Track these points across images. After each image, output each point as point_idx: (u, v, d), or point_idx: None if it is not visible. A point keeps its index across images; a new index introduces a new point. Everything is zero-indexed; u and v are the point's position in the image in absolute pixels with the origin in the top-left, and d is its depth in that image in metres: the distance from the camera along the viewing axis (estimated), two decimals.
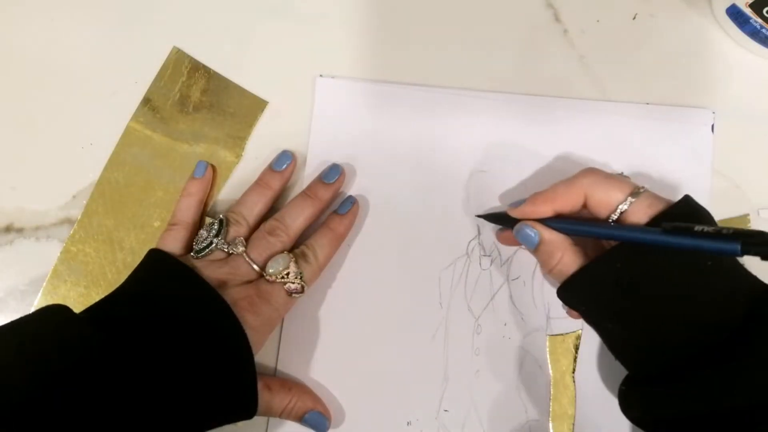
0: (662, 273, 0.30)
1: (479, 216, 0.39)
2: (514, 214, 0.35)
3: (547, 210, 0.34)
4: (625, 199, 0.32)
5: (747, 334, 0.28)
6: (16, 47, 0.41)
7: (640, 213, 0.31)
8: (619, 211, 0.32)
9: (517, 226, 0.34)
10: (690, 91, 0.42)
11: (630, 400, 0.32)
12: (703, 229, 0.28)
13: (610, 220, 0.32)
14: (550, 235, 0.33)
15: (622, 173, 0.34)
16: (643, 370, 0.32)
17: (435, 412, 0.38)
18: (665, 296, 0.30)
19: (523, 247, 0.39)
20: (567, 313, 0.38)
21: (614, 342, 0.33)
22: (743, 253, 0.26)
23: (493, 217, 0.38)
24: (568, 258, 0.32)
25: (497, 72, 0.41)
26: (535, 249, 0.34)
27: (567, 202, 0.33)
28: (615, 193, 0.32)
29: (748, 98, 0.42)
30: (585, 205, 0.33)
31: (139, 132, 0.40)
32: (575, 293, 0.33)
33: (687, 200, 0.31)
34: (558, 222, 0.34)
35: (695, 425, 0.29)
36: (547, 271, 0.33)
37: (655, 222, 0.30)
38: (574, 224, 0.33)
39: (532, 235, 0.34)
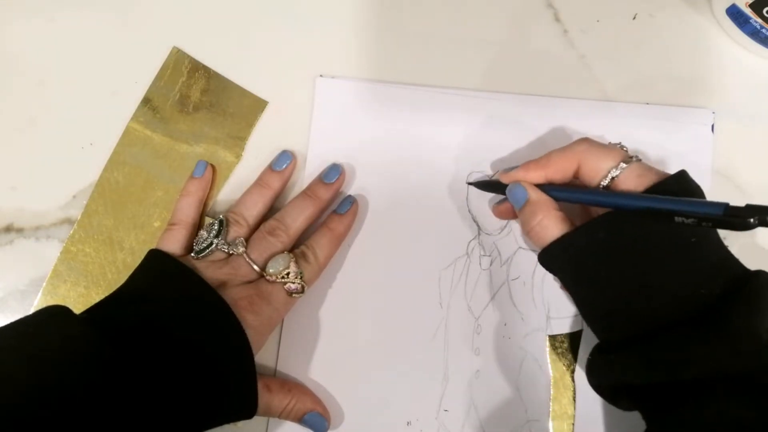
0: (644, 244, 0.30)
1: (470, 183, 0.40)
2: (506, 179, 0.35)
3: (538, 176, 0.34)
4: (617, 166, 0.32)
5: (719, 311, 0.28)
6: (17, 47, 0.41)
7: (630, 182, 0.32)
8: (609, 177, 0.32)
9: (510, 185, 0.35)
10: (690, 91, 0.42)
11: (593, 367, 0.33)
12: (683, 221, 0.29)
13: (601, 186, 0.32)
14: (537, 196, 0.34)
15: (620, 143, 0.34)
16: (612, 336, 0.32)
17: (435, 412, 0.38)
18: (645, 267, 0.30)
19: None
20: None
21: (587, 308, 0.33)
22: (725, 213, 0.27)
23: (484, 185, 0.39)
24: (548, 221, 0.33)
25: (497, 72, 0.41)
26: (521, 209, 0.34)
27: (559, 168, 0.34)
28: (606, 161, 0.32)
29: (748, 98, 0.42)
30: (576, 175, 0.34)
31: (139, 132, 0.40)
32: (555, 258, 0.33)
33: (682, 175, 0.31)
34: (548, 187, 0.34)
35: (653, 394, 0.30)
36: (526, 231, 0.34)
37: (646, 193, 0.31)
38: (564, 190, 0.34)
39: (522, 193, 0.34)
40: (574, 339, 0.39)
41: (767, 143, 0.42)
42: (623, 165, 0.32)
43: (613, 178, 0.32)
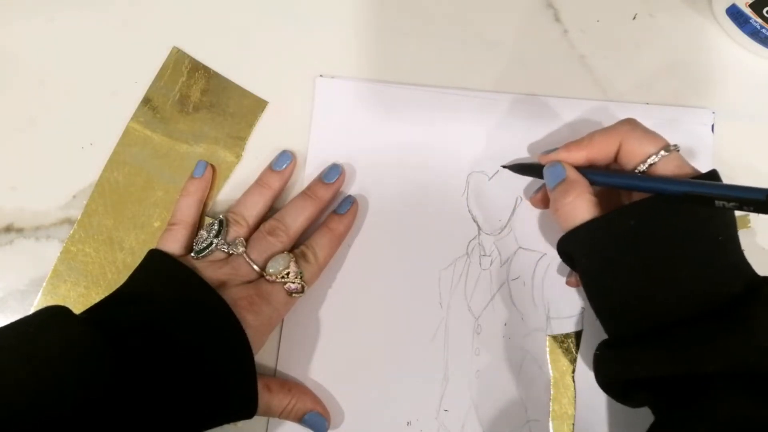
0: (673, 236, 0.30)
1: (504, 166, 0.39)
2: (545, 160, 0.35)
3: (580, 156, 0.34)
4: (657, 153, 0.32)
5: (744, 306, 0.28)
6: (17, 47, 0.41)
7: (667, 171, 0.32)
8: (648, 162, 0.32)
9: (548, 164, 0.34)
10: (690, 91, 0.42)
11: (603, 363, 0.33)
12: (723, 204, 0.28)
13: (637, 171, 0.32)
14: (575, 175, 0.33)
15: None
16: (626, 330, 0.32)
17: (435, 412, 0.38)
18: (671, 258, 0.30)
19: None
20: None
21: (604, 298, 0.33)
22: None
23: (520, 168, 0.38)
24: (580, 202, 0.32)
25: (497, 72, 0.41)
26: (555, 187, 0.34)
27: (602, 148, 0.33)
28: (648, 146, 0.32)
29: (748, 98, 0.42)
30: (616, 158, 0.34)
31: (139, 132, 0.40)
32: (580, 242, 0.32)
33: (714, 173, 0.32)
34: (587, 171, 0.34)
35: (670, 387, 0.29)
36: (555, 210, 0.33)
37: None
38: (602, 174, 0.33)
39: (560, 171, 0.33)
40: (574, 339, 0.39)
41: (767, 143, 0.42)
42: (663, 153, 0.32)
43: (650, 165, 0.32)
